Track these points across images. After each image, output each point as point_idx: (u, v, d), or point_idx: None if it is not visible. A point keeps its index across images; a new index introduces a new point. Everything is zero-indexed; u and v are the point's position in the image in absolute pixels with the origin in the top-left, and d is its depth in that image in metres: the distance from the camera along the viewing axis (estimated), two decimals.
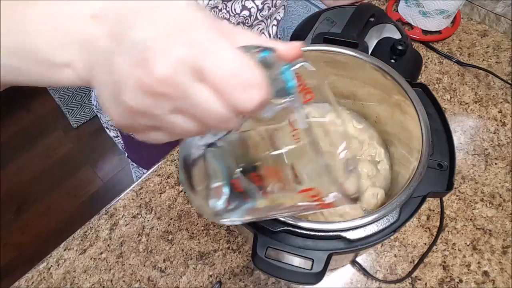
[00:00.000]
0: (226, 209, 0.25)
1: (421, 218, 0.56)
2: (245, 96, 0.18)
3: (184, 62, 0.18)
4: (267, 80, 0.18)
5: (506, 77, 0.69)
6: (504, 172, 0.59)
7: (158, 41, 0.18)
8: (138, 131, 0.21)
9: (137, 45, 0.18)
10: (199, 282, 0.52)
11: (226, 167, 0.25)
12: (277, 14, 0.64)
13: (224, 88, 0.18)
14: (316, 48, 0.45)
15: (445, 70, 0.72)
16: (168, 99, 0.18)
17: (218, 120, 0.19)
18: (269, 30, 0.63)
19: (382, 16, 0.57)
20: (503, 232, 0.54)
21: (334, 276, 0.52)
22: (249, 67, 0.18)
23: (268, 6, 0.57)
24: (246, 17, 0.55)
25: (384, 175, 0.48)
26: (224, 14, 0.52)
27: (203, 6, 0.18)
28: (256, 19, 0.57)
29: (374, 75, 0.45)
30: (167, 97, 0.18)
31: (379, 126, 0.52)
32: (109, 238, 0.56)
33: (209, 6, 0.49)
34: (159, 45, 0.18)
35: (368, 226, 0.35)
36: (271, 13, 0.60)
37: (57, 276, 0.54)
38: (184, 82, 0.18)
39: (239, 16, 0.54)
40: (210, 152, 0.25)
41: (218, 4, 0.51)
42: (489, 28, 0.77)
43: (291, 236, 0.35)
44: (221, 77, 0.18)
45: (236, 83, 0.18)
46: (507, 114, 0.65)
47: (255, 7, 0.55)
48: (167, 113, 0.19)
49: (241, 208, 0.25)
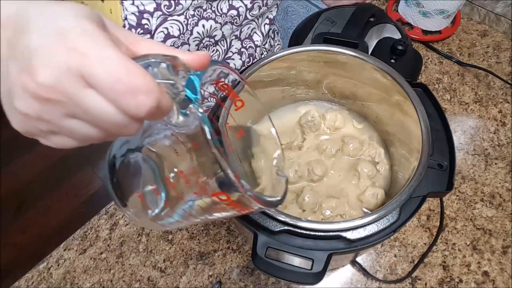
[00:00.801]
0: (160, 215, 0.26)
1: (421, 218, 0.56)
2: (133, 101, 0.18)
3: (67, 68, 0.18)
4: (155, 86, 0.19)
5: (506, 77, 0.69)
6: (504, 172, 0.59)
7: (43, 48, 0.18)
8: (38, 136, 0.22)
9: (25, 52, 0.19)
10: (199, 282, 0.52)
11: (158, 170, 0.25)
12: (269, 13, 0.63)
13: (110, 93, 0.18)
14: (316, 48, 0.45)
15: (445, 70, 0.72)
16: (57, 104, 0.19)
17: (115, 125, 0.20)
18: (261, 29, 0.62)
19: (382, 16, 0.57)
20: (503, 232, 0.54)
21: (334, 276, 0.52)
22: (134, 73, 0.18)
23: (259, 6, 0.56)
24: (234, 17, 0.54)
25: (384, 175, 0.48)
26: (209, 13, 0.51)
27: (101, 16, 0.19)
28: (245, 18, 0.56)
29: (374, 75, 0.45)
30: (55, 102, 0.19)
31: (379, 126, 0.52)
32: (109, 238, 0.56)
33: (192, 6, 0.48)
34: (43, 52, 0.18)
35: (368, 226, 0.35)
36: (262, 12, 0.59)
37: (57, 276, 0.54)
38: (70, 88, 0.18)
39: (226, 15, 0.53)
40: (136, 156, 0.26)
41: (203, 4, 0.50)
42: (489, 28, 0.77)
43: (291, 236, 0.35)
44: (106, 83, 0.18)
45: (121, 88, 0.18)
46: (507, 114, 0.65)
47: (244, 7, 0.54)
48: (61, 117, 0.20)
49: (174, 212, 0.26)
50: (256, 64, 0.44)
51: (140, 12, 0.46)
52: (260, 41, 0.63)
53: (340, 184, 0.48)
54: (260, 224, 0.35)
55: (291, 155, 0.49)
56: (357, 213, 0.45)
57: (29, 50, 0.19)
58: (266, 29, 0.64)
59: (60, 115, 0.20)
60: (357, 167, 0.47)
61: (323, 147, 0.50)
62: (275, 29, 0.70)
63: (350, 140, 0.49)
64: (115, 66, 0.18)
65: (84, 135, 0.21)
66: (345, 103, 0.54)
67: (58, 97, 0.19)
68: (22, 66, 0.19)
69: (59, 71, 0.18)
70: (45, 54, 0.18)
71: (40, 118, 0.20)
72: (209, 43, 0.54)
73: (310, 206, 0.44)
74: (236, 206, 0.24)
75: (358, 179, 0.47)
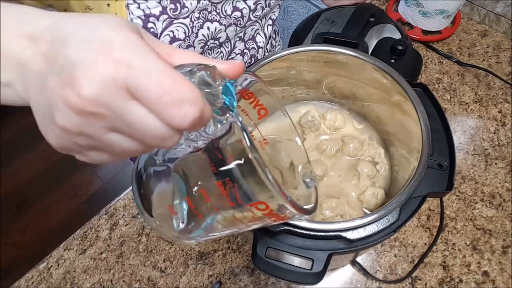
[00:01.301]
0: (187, 228, 0.25)
1: (421, 218, 0.56)
2: (178, 112, 0.18)
3: (112, 81, 0.18)
4: (200, 96, 0.19)
5: (506, 77, 0.69)
6: (504, 172, 0.59)
7: (86, 61, 0.18)
8: (76, 152, 0.21)
9: (66, 65, 0.18)
10: (199, 282, 0.52)
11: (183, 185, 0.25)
12: (272, 14, 0.63)
13: (156, 105, 0.18)
14: (316, 48, 0.45)
15: (445, 70, 0.72)
16: (100, 118, 0.18)
17: (156, 138, 0.19)
18: (264, 30, 0.63)
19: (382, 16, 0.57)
20: (503, 232, 0.54)
21: (334, 276, 0.52)
22: (180, 84, 0.18)
23: (262, 6, 0.56)
24: (238, 18, 0.54)
25: (384, 175, 0.48)
26: (214, 16, 0.52)
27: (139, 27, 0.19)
28: (249, 20, 0.56)
29: (374, 75, 0.45)
30: (99, 116, 0.18)
31: (379, 126, 0.52)
32: (109, 238, 0.56)
33: (197, 8, 0.49)
34: (86, 65, 0.18)
35: (368, 226, 0.35)
36: (265, 13, 0.59)
37: (57, 276, 0.54)
38: (115, 101, 0.18)
39: (230, 17, 0.53)
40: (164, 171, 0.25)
41: (207, 6, 0.50)
42: (489, 28, 0.77)
43: (291, 236, 0.35)
44: (152, 94, 0.18)
45: (168, 100, 0.18)
46: (507, 114, 0.65)
47: (247, 8, 0.55)
48: (102, 132, 0.19)
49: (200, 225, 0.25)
50: (256, 64, 0.44)
51: (146, 15, 0.45)
52: (263, 42, 0.63)
53: (340, 184, 0.48)
54: None
55: None
56: (357, 213, 0.45)
57: (71, 63, 0.18)
58: (269, 30, 0.64)
59: (102, 130, 0.19)
60: (357, 167, 0.47)
61: (323, 147, 0.50)
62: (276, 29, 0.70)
63: (350, 140, 0.49)
64: (162, 77, 0.18)
65: (124, 150, 0.20)
66: (345, 103, 0.54)
67: (102, 111, 0.18)
68: (64, 80, 0.18)
69: (104, 83, 0.18)
70: (89, 66, 0.18)
71: (81, 133, 0.19)
72: (213, 45, 0.55)
73: None
74: (273, 215, 0.23)
75: (358, 179, 0.47)
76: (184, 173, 0.25)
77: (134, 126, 0.19)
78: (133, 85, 0.18)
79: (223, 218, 0.24)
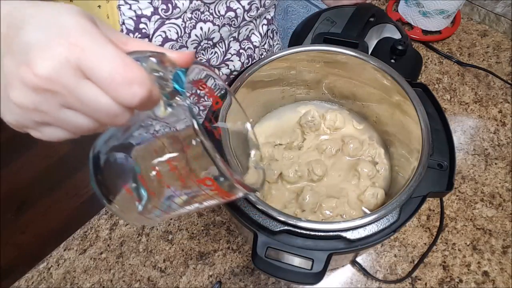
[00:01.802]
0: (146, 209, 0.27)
1: (421, 218, 0.56)
2: (128, 91, 0.20)
3: (66, 61, 0.19)
4: (147, 78, 0.21)
5: (506, 77, 0.69)
6: (504, 172, 0.59)
7: (42, 43, 0.20)
8: (30, 128, 0.23)
9: (23, 47, 0.20)
10: (199, 282, 0.52)
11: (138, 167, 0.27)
12: (267, 14, 0.63)
13: (107, 84, 0.20)
14: (316, 48, 0.45)
15: (445, 70, 0.72)
16: (54, 95, 0.20)
17: (108, 115, 0.21)
18: (259, 29, 0.62)
19: (382, 16, 0.57)
20: (503, 232, 0.54)
21: (334, 276, 0.52)
22: (130, 66, 0.20)
23: (256, 7, 0.56)
24: (232, 19, 0.54)
25: (384, 175, 0.48)
26: (207, 16, 0.51)
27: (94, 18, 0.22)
28: (243, 20, 0.56)
29: (374, 75, 0.45)
30: (53, 93, 0.20)
31: (379, 126, 0.52)
32: (109, 238, 0.56)
33: (190, 8, 0.48)
34: (41, 46, 0.20)
35: (368, 226, 0.35)
36: (260, 13, 0.59)
37: (57, 276, 0.54)
38: (68, 79, 0.20)
39: (224, 17, 0.53)
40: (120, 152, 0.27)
41: (200, 7, 0.50)
42: (489, 28, 0.77)
43: (291, 236, 0.35)
44: (104, 74, 0.20)
45: (119, 80, 0.20)
46: (507, 114, 0.65)
47: (241, 8, 0.54)
48: (57, 108, 0.21)
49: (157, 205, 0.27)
50: (256, 64, 0.44)
51: (138, 16, 0.46)
52: (259, 42, 0.63)
53: (340, 184, 0.48)
54: (260, 224, 0.35)
55: (291, 155, 0.49)
56: (357, 213, 0.45)
57: (28, 45, 0.20)
58: (264, 30, 0.63)
59: (56, 106, 0.21)
60: (357, 167, 0.47)
61: (323, 147, 0.50)
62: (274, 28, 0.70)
63: (350, 140, 0.49)
64: (113, 60, 0.20)
65: (77, 126, 0.22)
66: (345, 103, 0.54)
67: (56, 88, 0.20)
68: (20, 60, 0.20)
69: (58, 63, 0.19)
70: (45, 47, 0.19)
71: (36, 109, 0.21)
72: (207, 45, 0.54)
73: (310, 206, 0.44)
74: (220, 191, 0.25)
75: (358, 179, 0.47)
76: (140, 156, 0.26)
77: (87, 103, 0.20)
78: (86, 66, 0.20)
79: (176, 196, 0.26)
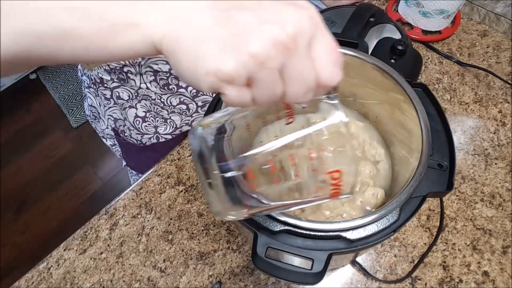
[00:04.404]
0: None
1: (421, 218, 0.56)
2: (334, 71, 0.22)
3: (307, 28, 0.21)
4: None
5: (506, 77, 0.69)
6: (504, 172, 0.59)
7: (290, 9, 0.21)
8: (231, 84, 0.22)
9: (270, 7, 0.21)
10: (199, 282, 0.52)
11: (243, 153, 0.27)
12: None
13: (323, 57, 0.22)
14: None
15: (445, 70, 0.72)
16: (286, 55, 0.21)
17: (304, 87, 0.22)
18: None
19: (382, 16, 0.57)
20: (503, 232, 0.54)
21: (334, 276, 0.52)
22: (339, 50, 0.23)
23: None
24: None
25: (384, 175, 0.48)
26: None
27: None
28: None
29: (374, 75, 0.45)
30: (285, 52, 0.21)
31: (379, 126, 0.52)
32: (109, 238, 0.56)
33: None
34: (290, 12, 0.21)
35: (368, 226, 0.35)
36: None
37: (57, 276, 0.54)
38: (302, 43, 0.21)
39: None
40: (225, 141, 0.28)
41: None
42: (489, 28, 0.77)
43: (291, 236, 0.35)
44: (327, 47, 0.22)
45: (333, 58, 0.22)
46: (507, 114, 0.65)
47: None
48: (276, 69, 0.22)
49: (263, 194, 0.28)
50: None
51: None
52: None
53: None
54: (260, 224, 0.35)
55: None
56: (357, 213, 0.45)
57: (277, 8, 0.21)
58: None
59: (278, 66, 0.21)
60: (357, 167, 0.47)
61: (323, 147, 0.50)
62: None
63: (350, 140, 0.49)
64: (333, 39, 0.23)
65: (271, 93, 0.22)
66: (345, 103, 0.54)
67: (291, 47, 0.21)
68: (270, 18, 0.21)
69: (301, 28, 0.21)
70: (294, 13, 0.21)
71: (264, 64, 0.21)
72: None
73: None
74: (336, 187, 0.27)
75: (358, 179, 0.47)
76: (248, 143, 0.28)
77: (297, 69, 0.22)
78: (317, 37, 0.22)
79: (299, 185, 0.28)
